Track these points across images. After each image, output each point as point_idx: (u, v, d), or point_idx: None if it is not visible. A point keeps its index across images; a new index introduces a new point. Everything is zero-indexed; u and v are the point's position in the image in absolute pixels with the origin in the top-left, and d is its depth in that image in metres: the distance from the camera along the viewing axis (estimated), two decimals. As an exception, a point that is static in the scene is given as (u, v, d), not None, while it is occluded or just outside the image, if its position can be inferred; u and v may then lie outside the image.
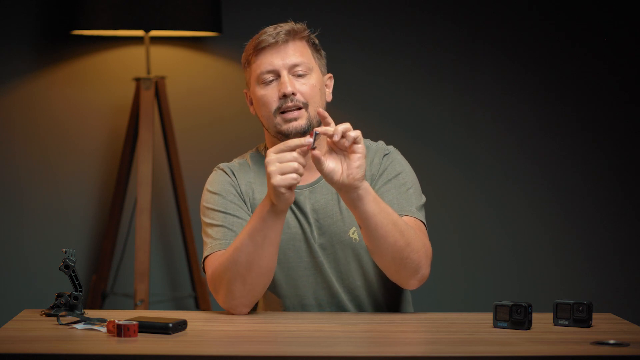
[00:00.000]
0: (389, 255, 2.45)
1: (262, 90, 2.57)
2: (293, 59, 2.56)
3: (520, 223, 4.39)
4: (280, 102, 2.55)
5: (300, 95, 2.55)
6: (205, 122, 4.30)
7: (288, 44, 2.57)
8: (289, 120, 2.54)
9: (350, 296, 2.60)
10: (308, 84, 2.56)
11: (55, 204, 4.25)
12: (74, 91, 4.24)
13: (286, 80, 2.54)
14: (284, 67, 2.56)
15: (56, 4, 4.21)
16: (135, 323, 2.18)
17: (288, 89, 2.53)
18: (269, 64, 2.56)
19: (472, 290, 4.38)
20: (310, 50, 2.61)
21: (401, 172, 2.62)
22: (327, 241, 2.59)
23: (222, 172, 2.65)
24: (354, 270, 2.59)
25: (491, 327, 2.34)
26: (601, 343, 2.16)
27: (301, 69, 2.56)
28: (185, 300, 4.28)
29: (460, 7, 4.33)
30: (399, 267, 2.47)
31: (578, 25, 4.36)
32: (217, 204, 2.60)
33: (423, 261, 2.48)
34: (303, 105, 2.55)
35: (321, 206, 2.60)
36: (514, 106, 4.37)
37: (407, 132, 4.27)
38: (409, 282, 2.50)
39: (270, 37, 2.56)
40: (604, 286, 4.38)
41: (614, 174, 4.40)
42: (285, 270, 2.59)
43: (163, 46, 4.24)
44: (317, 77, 2.59)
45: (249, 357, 2.06)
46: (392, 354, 2.10)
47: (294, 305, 2.59)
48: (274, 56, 2.56)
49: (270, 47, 2.56)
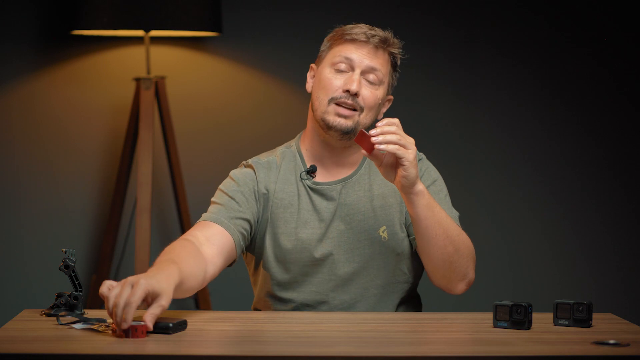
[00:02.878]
0: (438, 259, 2.51)
1: (330, 74, 2.59)
2: (373, 65, 2.58)
3: (520, 223, 4.39)
4: (339, 94, 2.56)
5: (362, 99, 2.57)
6: (205, 122, 4.30)
7: (377, 50, 2.59)
8: (339, 115, 2.56)
9: (365, 294, 2.61)
10: (373, 94, 2.59)
11: (55, 204, 4.25)
12: (74, 91, 4.24)
13: (356, 78, 2.56)
14: (361, 66, 2.58)
15: (56, 4, 4.21)
16: (144, 324, 2.18)
17: (354, 87, 2.55)
18: (350, 55, 2.57)
19: (472, 290, 4.38)
20: (390, 66, 2.63)
21: (436, 179, 2.67)
22: (353, 236, 2.60)
23: (250, 168, 2.66)
24: (375, 268, 2.61)
25: (491, 327, 2.34)
26: (601, 343, 2.16)
27: (374, 78, 2.59)
28: (185, 300, 4.28)
29: (458, 7, 4.33)
30: (447, 272, 2.54)
31: (577, 26, 4.37)
32: (229, 189, 2.61)
33: (470, 266, 2.55)
34: (359, 109, 2.57)
35: (352, 201, 2.61)
36: (513, 107, 4.37)
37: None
38: (456, 287, 2.58)
39: (364, 36, 2.58)
40: (604, 286, 4.39)
41: (614, 174, 4.40)
42: (301, 267, 2.60)
43: (163, 46, 4.24)
44: (383, 92, 2.62)
45: (249, 357, 2.06)
46: (392, 354, 2.10)
47: (307, 299, 2.61)
48: (359, 52, 2.58)
49: (360, 43, 2.58)
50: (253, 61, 4.29)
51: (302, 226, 2.60)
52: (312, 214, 2.60)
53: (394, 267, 2.61)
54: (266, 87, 4.30)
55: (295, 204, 2.61)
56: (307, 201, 2.61)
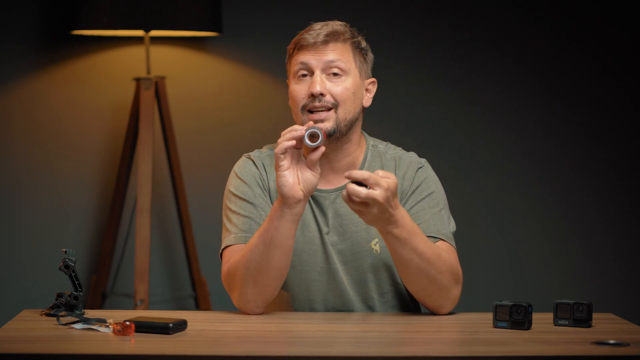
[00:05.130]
0: (413, 288, 2.46)
1: (294, 85, 2.56)
2: (329, 59, 2.53)
3: (520, 223, 4.39)
4: (308, 101, 2.52)
5: (330, 96, 2.52)
6: (205, 122, 4.30)
7: (328, 45, 2.54)
8: (315, 121, 2.51)
9: (363, 306, 2.58)
10: (341, 86, 2.53)
11: (55, 204, 4.25)
12: (74, 91, 4.24)
13: (317, 80, 2.52)
14: (318, 67, 2.53)
15: (56, 4, 4.21)
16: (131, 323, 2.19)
17: (316, 89, 2.50)
18: (304, 59, 2.54)
19: (472, 290, 4.38)
20: (352, 53, 2.57)
21: (435, 190, 2.59)
22: (347, 248, 2.56)
23: (252, 163, 2.61)
24: (370, 281, 2.57)
25: (491, 327, 2.34)
26: (601, 343, 2.16)
27: (337, 70, 2.53)
28: (185, 300, 4.28)
29: (459, 7, 4.33)
30: (422, 298, 2.48)
31: (577, 26, 4.36)
32: (245, 193, 2.56)
33: (450, 292, 2.47)
34: (332, 106, 2.52)
35: (346, 212, 2.56)
36: (513, 107, 4.37)
37: (405, 132, 4.27)
38: (436, 311, 2.51)
39: (311, 37, 2.54)
40: (604, 286, 4.38)
41: (614, 174, 4.40)
42: (299, 273, 2.56)
43: (163, 46, 4.24)
44: (354, 81, 2.55)
45: (249, 357, 2.06)
46: (392, 354, 2.10)
47: (302, 308, 2.58)
48: (311, 55, 2.54)
49: (310, 46, 2.54)
50: (253, 61, 4.29)
51: (306, 228, 2.57)
52: (311, 217, 2.58)
53: (387, 279, 2.59)
54: (266, 87, 4.30)
55: None
56: (307, 204, 2.58)
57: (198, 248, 4.15)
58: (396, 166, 2.60)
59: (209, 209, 4.24)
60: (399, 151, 2.64)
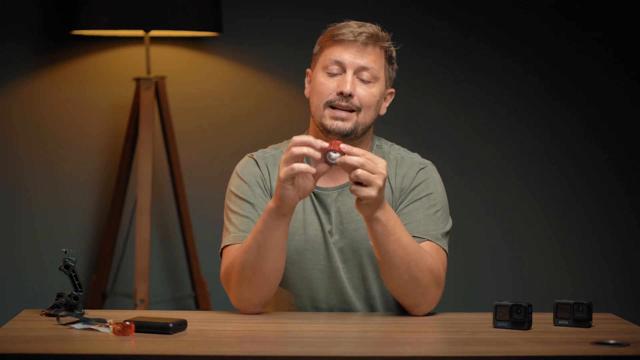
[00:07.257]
0: (394, 282, 2.44)
1: (323, 78, 2.54)
2: (364, 63, 2.53)
3: (520, 223, 4.39)
4: (334, 97, 2.52)
5: (357, 99, 2.52)
6: (205, 122, 4.30)
7: (366, 47, 2.54)
8: (336, 118, 2.51)
9: (365, 304, 2.58)
10: (369, 92, 2.53)
11: (55, 204, 4.25)
12: (74, 91, 4.24)
13: (349, 79, 2.51)
14: (352, 67, 2.53)
15: (56, 4, 4.21)
16: (131, 323, 2.19)
17: (347, 89, 2.50)
18: (339, 57, 2.53)
19: (472, 290, 4.38)
20: (384, 61, 2.57)
21: (433, 192, 2.59)
22: (347, 245, 2.56)
23: (254, 163, 2.61)
24: (371, 279, 2.57)
25: (491, 327, 2.34)
26: (601, 343, 2.16)
27: (368, 76, 2.53)
28: (185, 300, 4.28)
29: (459, 7, 4.33)
30: (402, 296, 2.47)
31: (577, 26, 4.37)
32: (245, 193, 2.56)
33: (432, 292, 2.46)
34: (356, 109, 2.52)
35: (347, 210, 2.56)
36: (514, 107, 4.37)
37: (405, 132, 4.27)
38: (411, 311, 2.50)
39: (352, 35, 2.53)
40: (604, 286, 4.39)
41: (614, 174, 4.40)
42: (301, 271, 2.56)
43: (163, 46, 4.24)
44: (380, 88, 2.56)
45: (249, 357, 2.06)
46: (392, 354, 2.10)
47: (305, 306, 2.58)
48: (348, 52, 2.53)
49: (348, 43, 2.54)
50: (253, 61, 4.29)
51: (309, 226, 2.58)
52: (314, 215, 2.58)
53: None
54: (266, 87, 4.30)
55: (300, 203, 2.58)
56: (309, 201, 2.59)
57: (198, 248, 4.15)
58: (397, 166, 2.61)
59: (209, 209, 4.24)
60: (402, 152, 2.64)
